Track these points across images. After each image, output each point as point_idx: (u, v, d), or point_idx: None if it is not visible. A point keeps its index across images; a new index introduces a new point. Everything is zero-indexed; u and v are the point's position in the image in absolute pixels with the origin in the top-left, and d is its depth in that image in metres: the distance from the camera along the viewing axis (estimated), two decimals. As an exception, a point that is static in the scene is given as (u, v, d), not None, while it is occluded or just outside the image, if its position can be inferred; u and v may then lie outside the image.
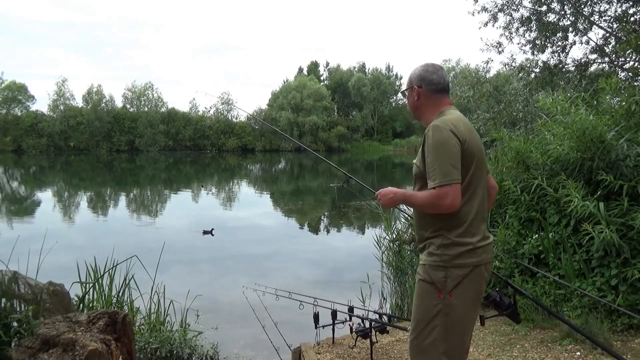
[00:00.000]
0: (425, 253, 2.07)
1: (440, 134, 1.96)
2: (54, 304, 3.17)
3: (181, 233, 11.06)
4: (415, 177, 2.18)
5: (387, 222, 6.58)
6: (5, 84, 53.81)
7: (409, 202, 2.14)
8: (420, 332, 2.04)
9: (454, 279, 1.97)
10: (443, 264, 1.99)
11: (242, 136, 56.74)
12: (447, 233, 2.01)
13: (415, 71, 2.22)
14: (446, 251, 1.99)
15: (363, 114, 61.13)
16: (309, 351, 3.70)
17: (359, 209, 13.96)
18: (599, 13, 11.09)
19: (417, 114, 2.25)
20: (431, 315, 2.00)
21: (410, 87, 2.21)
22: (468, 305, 2.02)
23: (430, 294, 2.01)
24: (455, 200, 1.92)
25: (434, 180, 1.93)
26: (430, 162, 1.96)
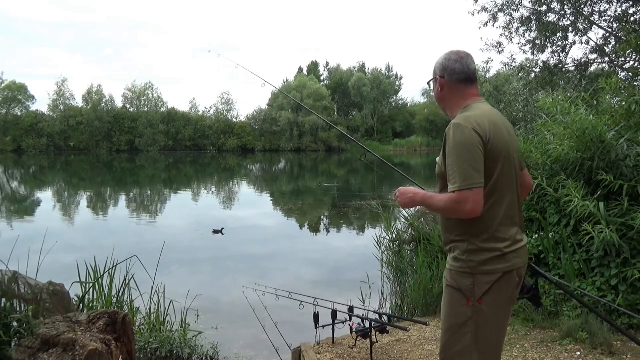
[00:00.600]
0: (451, 257, 1.98)
1: (461, 134, 1.84)
2: (54, 304, 3.18)
3: (181, 233, 11.07)
4: (437, 176, 2.05)
5: (387, 222, 6.58)
6: (5, 84, 53.83)
7: (428, 205, 2.01)
8: (450, 339, 1.96)
9: (482, 286, 1.87)
10: (470, 270, 1.89)
11: (242, 136, 56.75)
12: (472, 238, 1.90)
13: (438, 60, 2.08)
14: (472, 257, 1.89)
15: (363, 114, 61.11)
16: (309, 351, 3.70)
17: (359, 209, 13.95)
18: (599, 13, 11.11)
19: (443, 107, 2.13)
20: (461, 322, 1.91)
21: (434, 78, 2.08)
22: (499, 312, 1.92)
23: (459, 301, 1.92)
24: (476, 205, 1.79)
25: (454, 183, 1.81)
26: (451, 163, 1.84)
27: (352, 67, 65.92)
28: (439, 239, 5.32)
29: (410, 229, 6.21)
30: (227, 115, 59.20)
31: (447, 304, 1.98)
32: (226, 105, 59.69)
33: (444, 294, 2.01)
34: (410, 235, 6.11)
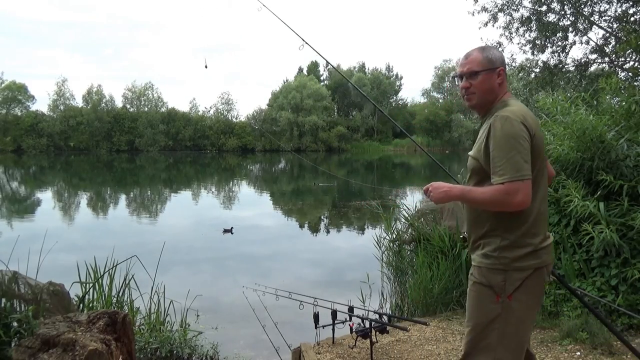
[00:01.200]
0: (481, 254, 1.96)
1: (511, 126, 1.83)
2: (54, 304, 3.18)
3: (181, 233, 11.07)
4: (471, 171, 2.02)
5: (387, 222, 6.58)
6: (5, 84, 53.87)
7: (468, 198, 1.95)
8: (476, 336, 1.95)
9: (514, 282, 1.86)
10: (502, 267, 1.88)
11: (242, 136, 56.77)
12: (506, 233, 1.89)
13: (494, 52, 2.06)
14: (505, 253, 1.88)
15: (363, 114, 61.13)
16: (309, 351, 3.70)
17: (359, 209, 13.96)
18: (599, 13, 11.10)
19: (486, 99, 2.04)
20: (489, 320, 1.91)
21: (493, 68, 2.00)
22: (528, 309, 1.92)
23: (488, 298, 1.91)
24: (527, 197, 1.79)
25: (502, 175, 1.79)
26: (498, 155, 1.82)
27: (352, 67, 65.99)
28: (438, 239, 5.33)
29: (410, 229, 6.20)
30: (227, 115, 59.26)
31: (474, 301, 1.97)
32: (226, 105, 59.78)
33: (471, 291, 2.00)
34: (410, 235, 6.11)
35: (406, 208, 6.76)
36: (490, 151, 1.86)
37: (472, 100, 2.05)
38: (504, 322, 1.89)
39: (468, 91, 2.04)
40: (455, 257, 5.10)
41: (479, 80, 2.00)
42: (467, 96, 2.06)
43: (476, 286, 1.96)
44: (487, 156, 1.88)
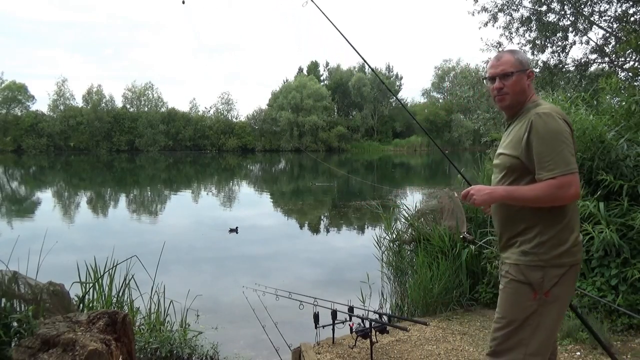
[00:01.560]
0: (518, 252, 1.98)
1: (555, 122, 1.90)
2: (54, 304, 3.18)
3: (181, 233, 11.07)
4: (506, 169, 2.04)
5: (387, 222, 6.58)
6: (5, 84, 53.87)
7: (515, 196, 1.96)
8: (508, 332, 1.96)
9: (552, 278, 1.90)
10: (542, 263, 1.91)
11: (242, 136, 56.77)
12: (545, 229, 1.93)
13: (523, 55, 2.14)
14: (544, 249, 1.92)
15: (363, 114, 61.14)
16: (309, 351, 3.70)
17: (359, 209, 13.96)
18: (599, 13, 11.11)
19: (517, 100, 2.09)
20: (525, 317, 1.94)
21: (524, 69, 2.08)
22: (562, 304, 1.97)
23: (525, 295, 1.94)
24: (578, 189, 1.87)
25: (552, 170, 1.85)
26: (546, 151, 1.87)
27: (352, 67, 66.00)
28: (438, 239, 5.32)
29: (410, 229, 6.19)
30: (227, 115, 59.26)
31: (510, 299, 1.98)
32: (226, 105, 59.78)
33: (506, 288, 2.01)
34: (410, 235, 6.10)
35: (406, 208, 6.76)
36: (533, 148, 1.90)
37: (505, 100, 2.09)
38: (539, 318, 1.93)
39: (501, 92, 2.08)
40: (455, 257, 5.10)
41: (512, 81, 2.06)
42: (499, 97, 2.10)
43: (513, 284, 1.97)
44: (529, 153, 1.92)
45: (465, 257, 5.01)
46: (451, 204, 5.72)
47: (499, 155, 2.11)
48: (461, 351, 3.82)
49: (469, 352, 3.79)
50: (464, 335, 4.13)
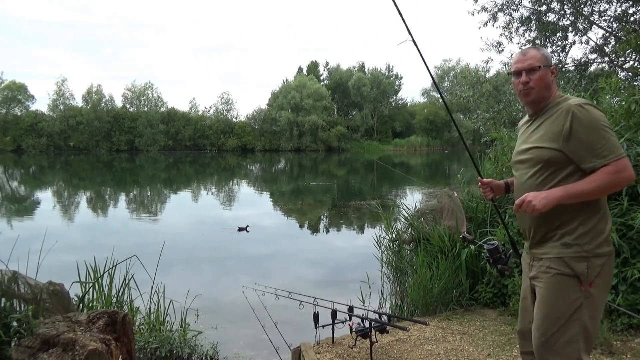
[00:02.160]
0: (560, 244, 1.97)
1: (597, 112, 1.94)
2: (54, 304, 3.18)
3: (181, 233, 11.07)
4: (543, 162, 2.02)
5: (387, 222, 6.58)
6: (5, 84, 53.82)
7: (574, 193, 1.92)
8: (558, 331, 1.95)
9: (595, 269, 1.92)
10: (585, 254, 1.92)
11: (242, 136, 56.75)
12: (587, 220, 1.95)
13: (543, 51, 2.16)
14: (587, 240, 1.94)
15: (363, 114, 61.12)
16: (309, 351, 3.70)
17: (359, 209, 13.95)
18: (599, 13, 11.11)
19: (543, 95, 2.10)
20: (572, 311, 1.93)
21: (549, 65, 2.11)
22: (604, 295, 1.99)
23: (572, 288, 1.93)
24: (632, 171, 1.89)
25: (606, 156, 1.87)
26: (596, 139, 1.90)
27: (352, 67, 66.00)
28: (438, 239, 5.32)
29: (410, 229, 6.20)
30: (227, 115, 59.25)
31: (556, 294, 1.96)
32: (226, 105, 59.75)
33: (549, 284, 1.99)
34: (410, 235, 6.10)
35: (406, 208, 6.76)
36: (580, 138, 1.92)
37: (531, 95, 2.10)
38: (586, 311, 1.93)
39: (528, 86, 2.09)
40: (455, 257, 5.09)
41: (538, 76, 2.08)
42: (525, 91, 2.11)
43: (558, 278, 1.96)
44: (574, 144, 1.93)
45: (465, 257, 5.01)
46: (451, 204, 5.72)
47: (529, 150, 2.09)
48: (461, 351, 3.82)
49: (469, 352, 3.79)
50: (464, 335, 4.13)
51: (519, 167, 2.18)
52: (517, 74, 2.14)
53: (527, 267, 2.17)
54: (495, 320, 4.42)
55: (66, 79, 65.30)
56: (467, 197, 6.07)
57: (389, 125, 62.87)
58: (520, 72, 2.11)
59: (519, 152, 2.19)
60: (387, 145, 59.57)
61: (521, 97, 2.16)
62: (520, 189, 2.13)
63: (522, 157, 2.15)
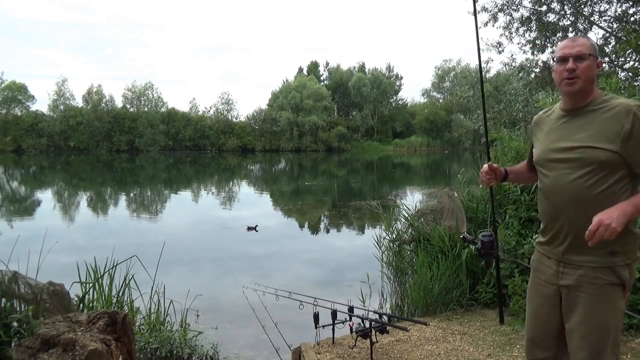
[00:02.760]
0: (607, 252, 1.86)
1: None
2: (54, 304, 3.18)
3: (181, 233, 11.07)
4: (596, 164, 1.86)
5: (387, 222, 6.58)
6: (5, 84, 53.83)
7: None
8: (608, 341, 1.87)
9: (634, 273, 1.89)
10: (629, 261, 1.87)
11: (242, 136, 56.75)
12: (631, 226, 1.85)
13: (592, 42, 2.00)
14: (630, 247, 1.87)
15: (363, 114, 61.11)
16: (309, 351, 3.70)
17: (359, 209, 13.96)
18: (599, 13, 11.11)
19: (587, 89, 1.95)
20: (618, 319, 1.89)
21: (597, 56, 1.96)
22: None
23: (619, 296, 1.87)
24: None
25: None
26: None
27: (352, 67, 65.98)
28: (438, 239, 5.33)
29: (410, 229, 6.20)
30: (227, 115, 59.25)
31: (606, 305, 1.88)
32: (226, 105, 59.76)
33: (599, 295, 1.88)
34: (410, 235, 6.10)
35: (406, 208, 6.76)
36: (638, 141, 1.82)
37: (576, 84, 1.93)
38: (622, 318, 1.92)
39: (574, 74, 1.92)
40: (455, 257, 5.10)
41: (585, 64, 1.92)
42: (570, 80, 1.93)
43: (607, 288, 1.87)
44: (633, 147, 1.82)
45: (465, 257, 5.01)
46: (451, 204, 5.72)
47: (576, 149, 1.90)
48: (461, 351, 3.82)
49: (469, 352, 3.79)
50: (464, 335, 4.13)
51: (556, 166, 1.98)
52: (562, 60, 1.94)
53: (552, 272, 2.02)
54: (495, 320, 4.42)
55: (66, 79, 65.39)
56: (467, 197, 6.08)
57: (389, 125, 62.86)
58: (567, 58, 1.92)
59: (558, 150, 1.97)
60: (387, 145, 59.57)
61: (562, 86, 1.96)
62: (561, 189, 1.94)
63: (564, 156, 1.94)
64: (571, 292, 1.94)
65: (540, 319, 2.11)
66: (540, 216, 2.13)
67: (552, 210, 2.00)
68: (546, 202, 2.03)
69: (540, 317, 2.10)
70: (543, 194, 2.06)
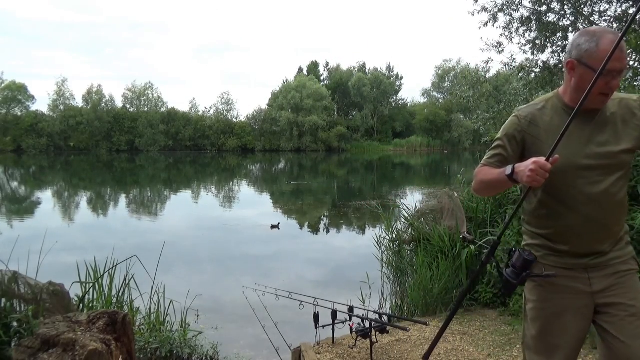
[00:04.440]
0: (625, 244, 1.89)
1: None
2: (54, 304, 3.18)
3: (181, 233, 11.07)
4: (626, 168, 1.81)
5: (387, 222, 6.58)
6: (5, 84, 53.85)
7: None
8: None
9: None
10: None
11: (242, 136, 56.76)
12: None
13: None
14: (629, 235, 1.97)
15: (363, 114, 61.13)
16: (309, 351, 3.70)
17: (359, 209, 13.96)
18: (599, 13, 11.11)
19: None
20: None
21: None
22: None
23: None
24: None
25: None
26: None
27: (352, 67, 66.01)
28: (438, 239, 5.32)
29: (410, 229, 6.20)
30: (227, 115, 59.27)
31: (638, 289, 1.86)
32: (226, 105, 59.77)
33: (636, 283, 1.86)
34: (410, 235, 6.10)
35: (406, 208, 6.76)
36: None
37: (608, 99, 1.79)
38: None
39: (611, 91, 1.75)
40: (455, 257, 5.10)
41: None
42: (606, 96, 1.76)
43: (636, 276, 1.89)
44: None
45: (465, 257, 5.01)
46: (451, 204, 5.72)
47: (607, 155, 1.77)
48: (461, 351, 3.82)
49: (469, 352, 3.79)
50: (464, 335, 4.13)
51: (584, 174, 1.78)
52: (610, 74, 1.67)
53: (580, 282, 1.87)
54: (495, 320, 4.42)
55: (66, 79, 65.57)
56: (467, 197, 6.08)
57: (389, 125, 62.87)
58: (618, 72, 1.69)
59: (588, 156, 1.78)
60: (387, 145, 59.58)
61: (596, 98, 1.74)
62: (593, 199, 1.78)
63: (595, 162, 1.77)
64: (606, 293, 1.84)
65: (562, 332, 1.91)
66: (554, 229, 1.88)
67: (578, 220, 1.81)
68: (570, 213, 1.82)
69: (563, 329, 1.91)
70: (564, 205, 1.83)
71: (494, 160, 1.92)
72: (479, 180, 1.95)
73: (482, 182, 1.94)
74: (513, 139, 1.91)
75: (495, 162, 1.91)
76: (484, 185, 1.95)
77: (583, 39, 1.79)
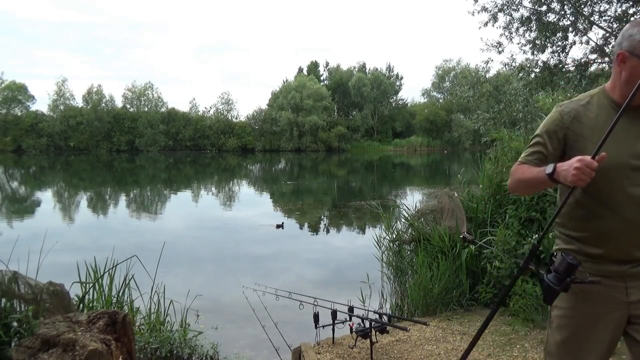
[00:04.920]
0: None
1: None
2: (54, 304, 3.18)
3: (181, 233, 11.07)
4: None
5: (387, 222, 6.58)
6: (5, 84, 53.84)
7: None
8: None
9: None
10: None
11: (242, 136, 56.76)
12: None
13: None
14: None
15: (363, 114, 61.12)
16: (309, 351, 3.70)
17: (359, 209, 13.96)
18: (599, 13, 11.13)
19: None
20: None
21: None
22: None
23: None
24: None
25: None
26: None
27: (352, 67, 66.00)
28: (438, 239, 5.32)
29: (410, 229, 6.20)
30: (227, 115, 59.27)
31: None
32: (226, 105, 59.77)
33: None
34: (410, 235, 6.10)
35: (406, 208, 6.76)
36: None
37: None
38: None
39: None
40: (455, 257, 5.10)
41: None
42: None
43: None
44: None
45: (465, 257, 5.01)
46: (451, 204, 5.72)
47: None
48: (461, 351, 3.81)
49: (469, 352, 3.79)
50: (464, 335, 4.13)
51: (631, 175, 1.68)
52: None
53: (617, 291, 1.78)
54: (495, 320, 4.42)
55: (66, 79, 65.46)
56: (467, 197, 6.08)
57: (389, 125, 62.87)
58: None
59: (635, 156, 1.68)
60: (387, 145, 59.58)
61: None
62: (638, 203, 1.69)
63: None
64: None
65: (591, 345, 1.87)
66: (591, 232, 1.78)
67: (618, 224, 1.71)
68: (610, 215, 1.72)
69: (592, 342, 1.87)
70: (605, 207, 1.73)
71: (533, 158, 1.82)
72: (516, 179, 1.85)
73: (520, 180, 1.83)
74: (554, 135, 1.80)
75: (534, 159, 1.81)
76: (521, 185, 1.84)
77: (636, 29, 1.67)
